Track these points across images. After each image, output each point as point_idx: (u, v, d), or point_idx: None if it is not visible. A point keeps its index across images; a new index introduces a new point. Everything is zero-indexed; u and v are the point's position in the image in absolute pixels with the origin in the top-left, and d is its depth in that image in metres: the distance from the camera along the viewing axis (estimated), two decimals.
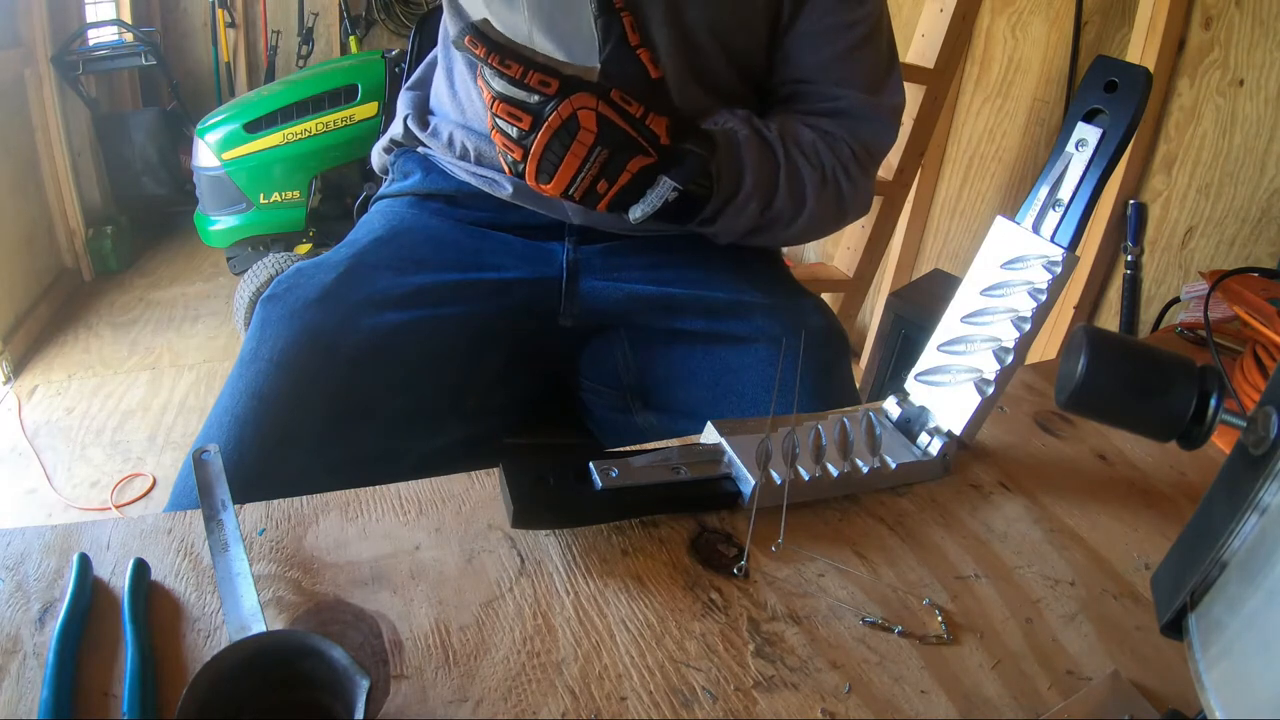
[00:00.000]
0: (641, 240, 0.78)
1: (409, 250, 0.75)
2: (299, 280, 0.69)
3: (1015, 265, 0.52)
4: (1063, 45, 1.55)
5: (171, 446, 1.90)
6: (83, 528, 0.43)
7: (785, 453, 0.50)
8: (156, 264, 2.85)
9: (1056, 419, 0.61)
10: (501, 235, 0.78)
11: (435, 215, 0.79)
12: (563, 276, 0.76)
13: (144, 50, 2.67)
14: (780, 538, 0.46)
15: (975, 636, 0.42)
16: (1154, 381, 0.36)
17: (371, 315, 0.67)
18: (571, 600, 0.42)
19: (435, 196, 0.80)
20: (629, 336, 0.78)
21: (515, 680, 0.37)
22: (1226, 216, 1.29)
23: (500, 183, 0.76)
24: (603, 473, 0.46)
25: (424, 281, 0.71)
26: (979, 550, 0.48)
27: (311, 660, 0.33)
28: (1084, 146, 0.49)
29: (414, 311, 0.69)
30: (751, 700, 0.38)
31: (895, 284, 1.91)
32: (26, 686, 0.35)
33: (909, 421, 0.55)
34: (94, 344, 2.33)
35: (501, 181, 0.76)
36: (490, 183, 0.77)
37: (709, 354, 0.74)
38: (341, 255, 0.72)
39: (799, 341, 0.70)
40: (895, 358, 1.73)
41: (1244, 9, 1.22)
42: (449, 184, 0.80)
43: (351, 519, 0.46)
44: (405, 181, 0.83)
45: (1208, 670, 0.29)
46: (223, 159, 2.20)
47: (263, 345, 0.64)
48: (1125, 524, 0.52)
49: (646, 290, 0.76)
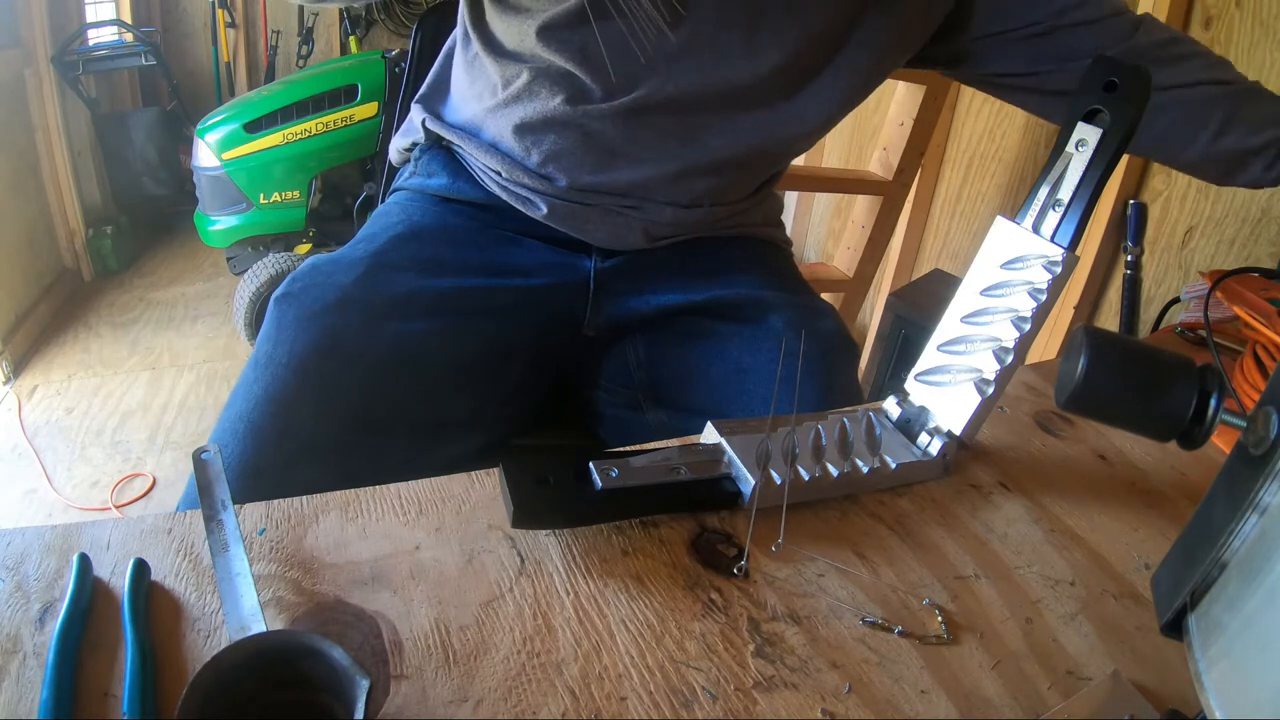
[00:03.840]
0: (666, 250, 0.77)
1: (430, 250, 0.72)
2: (315, 279, 0.66)
3: (1015, 265, 0.52)
4: None
5: (171, 446, 1.91)
6: (83, 528, 0.43)
7: (785, 453, 0.50)
8: (156, 264, 2.85)
9: (1056, 419, 0.61)
10: (528, 241, 0.75)
11: (457, 215, 0.76)
12: (590, 289, 0.75)
13: (144, 50, 2.68)
14: (780, 538, 0.46)
15: (975, 636, 0.42)
16: (1154, 381, 0.36)
17: (394, 322, 0.65)
18: (571, 600, 0.42)
19: (460, 202, 0.77)
20: (644, 336, 0.78)
21: (515, 680, 0.37)
22: (1226, 216, 1.29)
23: (536, 203, 0.73)
24: (603, 473, 0.46)
25: (447, 286, 0.69)
26: (979, 550, 0.48)
27: (311, 660, 0.33)
28: (1084, 146, 0.49)
29: (438, 320, 0.67)
30: (751, 700, 0.38)
31: (895, 284, 1.91)
32: (26, 686, 0.35)
33: (909, 421, 0.55)
34: (94, 344, 2.33)
35: (537, 202, 0.73)
36: (524, 201, 0.74)
37: (721, 353, 0.74)
38: (359, 252, 0.69)
39: (800, 342, 0.70)
40: (895, 358, 1.72)
41: (1244, 9, 1.22)
42: (477, 193, 0.76)
43: (351, 519, 0.46)
44: (429, 180, 0.79)
45: (1208, 670, 0.29)
46: (223, 159, 2.20)
47: (279, 348, 0.61)
48: (1125, 524, 0.52)
49: (672, 299, 0.76)
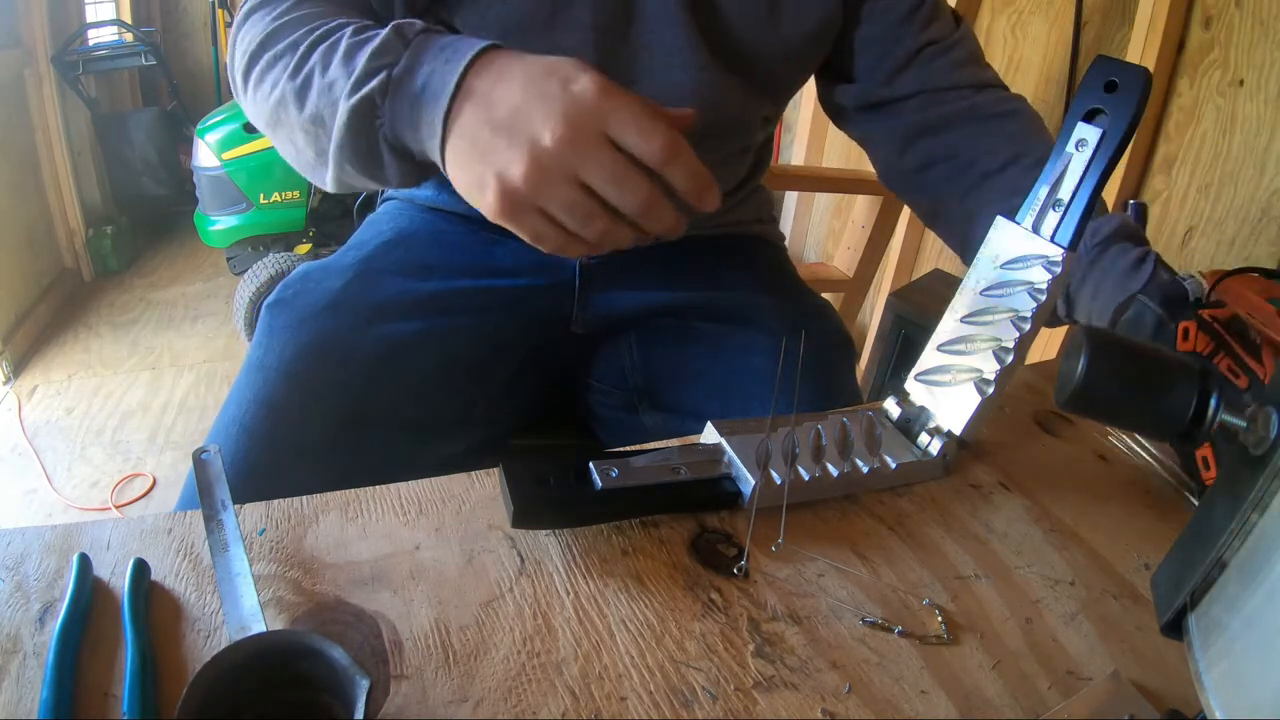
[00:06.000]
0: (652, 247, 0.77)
1: (418, 254, 0.73)
2: (306, 285, 0.68)
3: (1015, 265, 0.52)
4: (1062, 45, 1.55)
5: (171, 446, 1.91)
6: (83, 528, 0.43)
7: (785, 453, 0.50)
8: (156, 264, 2.85)
9: (1056, 419, 0.61)
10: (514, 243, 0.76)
11: (445, 221, 0.77)
12: (576, 285, 0.76)
13: (144, 50, 2.68)
14: (780, 538, 0.46)
15: (975, 636, 0.42)
16: (1154, 381, 0.36)
17: (382, 324, 0.66)
18: (571, 600, 0.42)
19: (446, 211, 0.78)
20: (638, 337, 0.78)
21: (515, 680, 0.37)
22: (1226, 216, 1.28)
23: None
24: (603, 473, 0.46)
25: (435, 288, 0.70)
26: (979, 550, 0.48)
27: (311, 660, 0.33)
28: (1084, 146, 0.49)
29: (426, 321, 0.68)
30: (751, 700, 0.38)
31: (895, 284, 1.91)
32: (26, 686, 0.35)
33: (909, 421, 0.55)
34: (94, 344, 2.33)
35: None
36: None
37: (716, 355, 0.74)
38: (349, 259, 0.71)
39: (799, 342, 0.70)
40: (895, 358, 1.72)
41: (1244, 9, 1.22)
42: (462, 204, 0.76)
43: (351, 519, 0.46)
44: (416, 191, 0.80)
45: (1208, 670, 0.29)
46: (223, 159, 2.20)
47: (270, 353, 0.62)
48: (1125, 524, 0.52)
49: (660, 296, 0.76)
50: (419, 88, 0.46)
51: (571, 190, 0.42)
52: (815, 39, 0.70)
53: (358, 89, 0.47)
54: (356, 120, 0.47)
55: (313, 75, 0.49)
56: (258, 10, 0.55)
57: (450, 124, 0.45)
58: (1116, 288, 0.57)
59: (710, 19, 0.65)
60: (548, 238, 0.44)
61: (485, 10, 0.62)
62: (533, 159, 0.42)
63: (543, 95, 0.42)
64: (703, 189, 0.44)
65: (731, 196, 0.80)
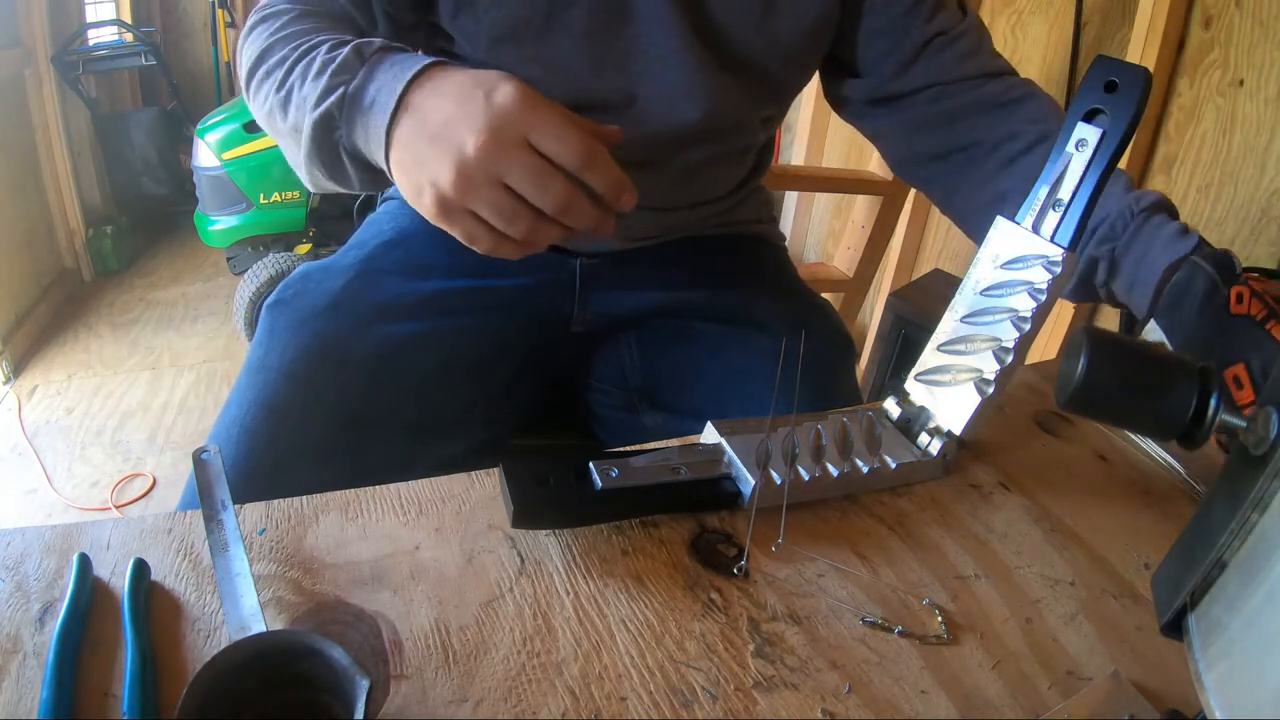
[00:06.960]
0: (652, 247, 0.77)
1: (418, 254, 0.73)
2: (306, 286, 0.68)
3: (1015, 265, 0.52)
4: (1062, 45, 1.55)
5: (171, 446, 1.90)
6: (83, 528, 0.43)
7: (785, 453, 0.50)
8: (156, 264, 2.85)
9: (1056, 419, 0.61)
10: None
11: None
12: (576, 284, 0.76)
13: (144, 50, 2.68)
14: (780, 538, 0.46)
15: (975, 636, 0.42)
16: (1154, 381, 0.36)
17: (382, 325, 0.66)
18: (571, 600, 0.42)
19: None
20: (637, 337, 0.78)
21: (515, 680, 0.37)
22: (1226, 216, 1.28)
23: None
24: (603, 473, 0.46)
25: (435, 288, 0.70)
26: (979, 550, 0.48)
27: (311, 660, 0.33)
28: (1084, 146, 0.49)
29: (426, 321, 0.68)
30: (751, 700, 0.38)
31: (895, 284, 1.91)
32: (26, 686, 0.35)
33: (909, 421, 0.55)
34: (94, 344, 2.33)
35: None
36: None
37: (716, 355, 0.74)
38: (349, 260, 0.71)
39: (799, 342, 0.70)
40: (895, 358, 1.72)
41: (1244, 9, 1.22)
42: None
43: (351, 519, 0.46)
44: None
45: (1208, 670, 0.29)
46: (223, 159, 2.20)
47: (270, 354, 0.63)
48: (1125, 524, 0.51)
49: (660, 296, 0.76)
50: (368, 103, 0.50)
51: (496, 193, 0.45)
52: (813, 37, 0.69)
53: (319, 103, 0.51)
54: (319, 132, 0.51)
55: (292, 89, 0.54)
56: (261, 24, 0.59)
57: (392, 135, 0.48)
58: (1165, 249, 0.57)
59: (705, 20, 0.65)
60: (480, 238, 0.47)
61: (481, 16, 0.63)
62: (459, 166, 0.45)
63: (469, 107, 0.45)
64: (620, 191, 0.48)
65: (731, 197, 0.80)
